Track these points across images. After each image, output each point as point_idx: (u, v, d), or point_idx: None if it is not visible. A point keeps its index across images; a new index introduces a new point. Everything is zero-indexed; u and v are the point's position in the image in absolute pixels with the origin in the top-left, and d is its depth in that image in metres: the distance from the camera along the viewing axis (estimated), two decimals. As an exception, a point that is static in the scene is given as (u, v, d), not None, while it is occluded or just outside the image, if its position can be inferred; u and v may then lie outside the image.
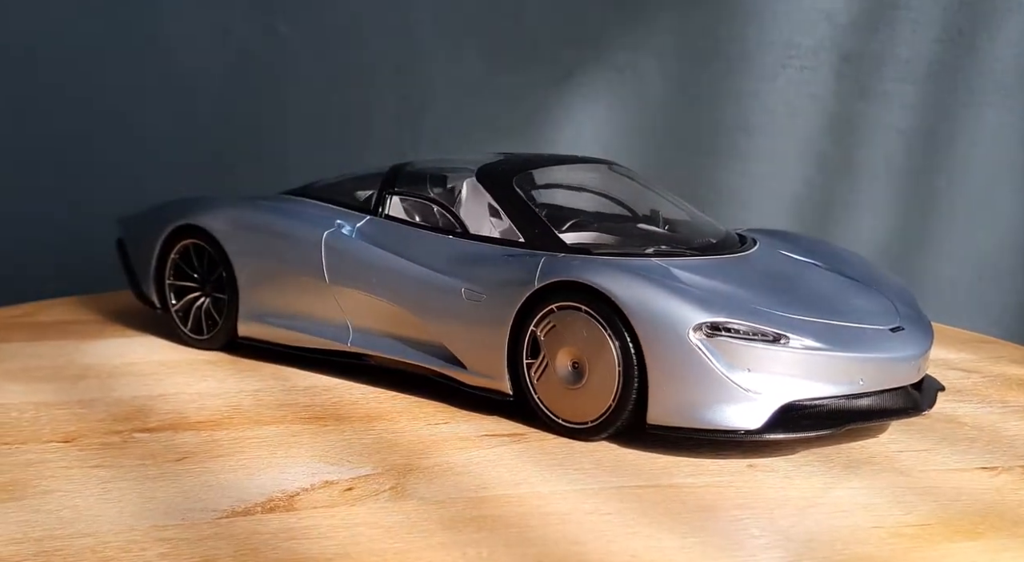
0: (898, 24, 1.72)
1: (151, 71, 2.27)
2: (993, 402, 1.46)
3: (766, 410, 1.22)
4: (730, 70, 1.90)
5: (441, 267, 1.41)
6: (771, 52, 1.85)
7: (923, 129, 1.77)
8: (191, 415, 1.37)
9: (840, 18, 1.77)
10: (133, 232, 1.75)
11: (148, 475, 1.18)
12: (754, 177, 1.90)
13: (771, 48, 1.84)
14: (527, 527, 1.07)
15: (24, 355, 1.61)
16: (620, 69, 1.97)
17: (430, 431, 1.32)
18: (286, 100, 2.26)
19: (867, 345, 1.27)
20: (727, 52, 1.91)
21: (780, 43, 1.83)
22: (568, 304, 1.28)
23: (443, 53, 2.15)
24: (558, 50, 2.04)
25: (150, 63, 2.26)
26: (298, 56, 2.23)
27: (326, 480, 1.17)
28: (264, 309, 1.57)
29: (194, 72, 2.27)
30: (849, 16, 1.76)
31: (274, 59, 2.24)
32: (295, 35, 2.20)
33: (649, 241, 1.43)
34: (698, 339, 1.21)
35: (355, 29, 2.22)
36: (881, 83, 1.76)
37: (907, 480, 1.19)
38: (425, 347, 1.42)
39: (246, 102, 2.27)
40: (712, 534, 1.06)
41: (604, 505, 1.12)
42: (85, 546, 1.02)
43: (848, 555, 1.02)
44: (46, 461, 1.22)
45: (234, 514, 1.09)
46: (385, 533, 1.05)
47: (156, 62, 2.27)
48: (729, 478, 1.19)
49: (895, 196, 1.82)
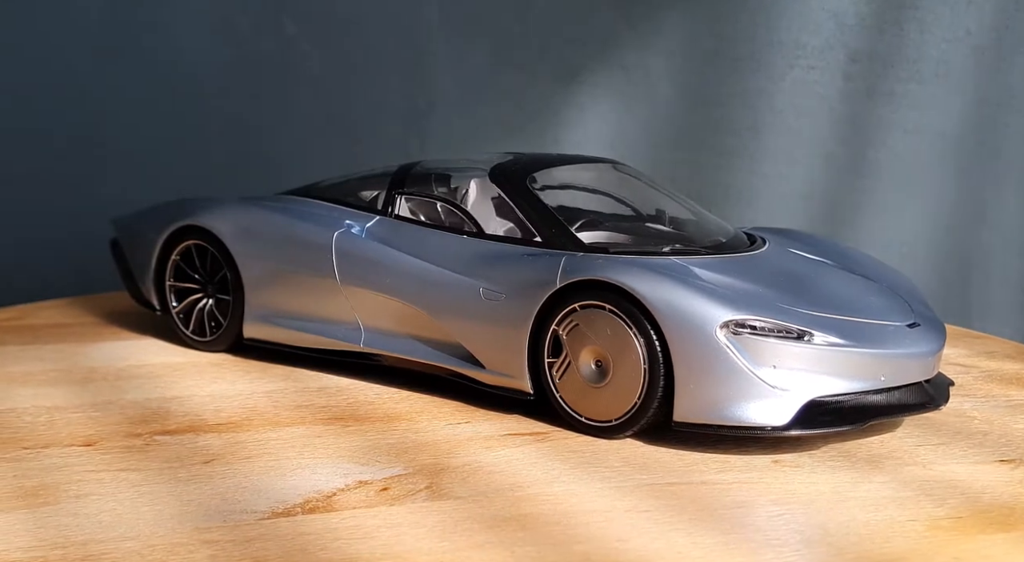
0: (906, 24, 1.74)
1: (156, 71, 2.25)
2: (997, 397, 1.48)
3: (792, 407, 1.23)
4: (737, 70, 1.92)
5: (457, 267, 1.41)
6: (779, 52, 1.86)
7: (930, 129, 1.79)
8: (209, 417, 1.36)
9: (848, 18, 1.79)
10: (129, 233, 1.73)
11: (179, 478, 1.17)
12: (762, 177, 1.92)
13: (779, 48, 1.86)
14: (569, 525, 1.07)
15: (26, 359, 1.59)
16: (627, 69, 1.98)
17: (452, 431, 1.32)
18: (293, 100, 2.25)
19: (888, 341, 1.28)
20: (735, 52, 1.92)
21: (788, 43, 1.85)
22: (591, 303, 1.29)
23: (450, 52, 2.15)
24: (565, 50, 2.05)
25: (155, 63, 2.25)
26: (305, 56, 2.22)
27: (360, 480, 1.17)
28: (271, 310, 1.56)
29: (200, 72, 2.25)
30: (857, 16, 1.78)
31: (281, 59, 2.23)
32: (302, 35, 2.19)
33: (664, 240, 1.44)
34: (725, 337, 1.22)
35: (362, 29, 2.21)
36: (888, 83, 1.79)
37: (930, 473, 1.21)
38: (441, 347, 1.42)
39: (253, 102, 2.26)
40: (752, 530, 1.08)
41: (641, 502, 1.13)
42: (132, 549, 1.01)
43: (891, 549, 1.04)
44: (71, 465, 1.21)
45: (275, 515, 1.08)
46: (429, 532, 1.05)
47: (161, 62, 2.25)
48: (757, 474, 1.20)
49: (902, 196, 1.84)
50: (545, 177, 1.50)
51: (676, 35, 1.96)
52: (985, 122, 1.74)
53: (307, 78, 2.25)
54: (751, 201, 1.93)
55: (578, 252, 1.36)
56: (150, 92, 2.27)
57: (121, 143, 2.25)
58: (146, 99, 2.26)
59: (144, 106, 2.26)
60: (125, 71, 2.25)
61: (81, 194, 2.21)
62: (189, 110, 2.27)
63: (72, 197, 2.21)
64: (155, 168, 2.24)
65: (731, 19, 1.91)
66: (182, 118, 2.27)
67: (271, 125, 2.26)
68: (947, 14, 1.72)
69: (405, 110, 2.20)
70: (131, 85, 2.25)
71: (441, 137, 2.18)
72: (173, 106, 2.27)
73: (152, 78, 2.27)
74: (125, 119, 2.25)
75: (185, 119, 2.27)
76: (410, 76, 2.19)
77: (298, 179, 1.72)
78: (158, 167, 2.24)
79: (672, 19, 1.97)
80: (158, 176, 2.22)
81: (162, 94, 2.27)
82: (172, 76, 2.26)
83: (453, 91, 2.16)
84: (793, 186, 1.90)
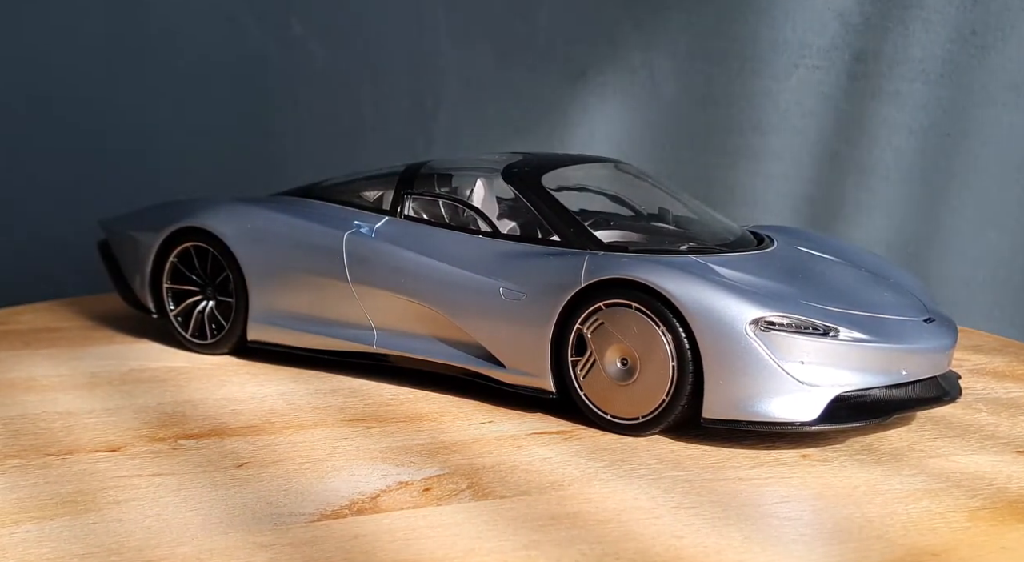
0: (911, 24, 1.77)
1: (161, 70, 2.22)
2: (996, 389, 1.51)
3: (820, 402, 1.25)
4: (743, 70, 1.93)
5: (475, 267, 1.41)
6: (784, 52, 1.88)
7: (936, 129, 1.82)
8: (228, 421, 1.34)
9: (853, 18, 1.81)
10: (120, 235, 1.70)
11: (215, 482, 1.16)
12: (767, 177, 1.94)
13: (784, 48, 1.88)
14: (620, 523, 1.08)
15: (23, 364, 1.57)
16: (634, 69, 1.99)
17: (478, 430, 1.32)
18: (299, 100, 2.23)
19: (908, 336, 1.31)
20: (740, 52, 1.94)
21: (793, 43, 1.87)
22: (617, 301, 1.29)
23: (456, 52, 2.15)
24: (572, 49, 2.05)
25: (160, 62, 2.22)
26: (311, 56, 2.20)
27: (400, 481, 1.16)
28: (277, 312, 1.54)
29: (206, 71, 2.23)
30: (862, 16, 1.80)
31: (287, 58, 2.21)
32: (309, 35, 2.18)
33: (679, 238, 1.45)
34: (754, 333, 1.24)
35: (368, 28, 2.20)
36: (893, 83, 1.81)
37: (956, 465, 1.23)
38: (458, 346, 1.42)
39: (258, 102, 2.23)
40: (801, 524, 1.09)
41: (685, 499, 1.13)
42: (188, 555, 1.00)
43: (939, 540, 1.05)
44: (101, 471, 1.19)
45: (324, 517, 1.08)
46: (483, 532, 1.05)
47: (167, 61, 2.22)
48: (788, 469, 1.22)
49: (907, 196, 1.87)
50: (555, 177, 1.51)
51: (682, 35, 1.97)
52: (990, 122, 1.78)
53: (313, 78, 2.23)
54: (756, 201, 1.95)
55: (599, 251, 1.37)
56: (154, 92, 2.24)
57: (121, 143, 2.22)
58: (150, 99, 2.23)
59: (147, 106, 2.23)
60: (129, 70, 2.22)
61: (82, 194, 2.18)
62: (194, 110, 2.25)
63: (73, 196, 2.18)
64: (156, 168, 2.21)
65: (736, 19, 1.93)
66: (186, 118, 2.24)
67: (277, 125, 2.24)
68: (952, 14, 1.75)
69: (411, 110, 2.19)
70: (135, 85, 2.22)
71: (447, 137, 2.18)
72: (177, 106, 2.24)
73: (156, 77, 2.24)
74: (129, 119, 2.22)
75: (189, 119, 2.24)
76: (416, 76, 2.18)
77: (304, 178, 1.70)
78: (159, 167, 2.21)
79: (678, 19, 1.99)
80: (160, 176, 2.19)
81: (166, 94, 2.24)
82: (177, 76, 2.24)
83: (459, 91, 2.15)
84: (798, 186, 1.93)
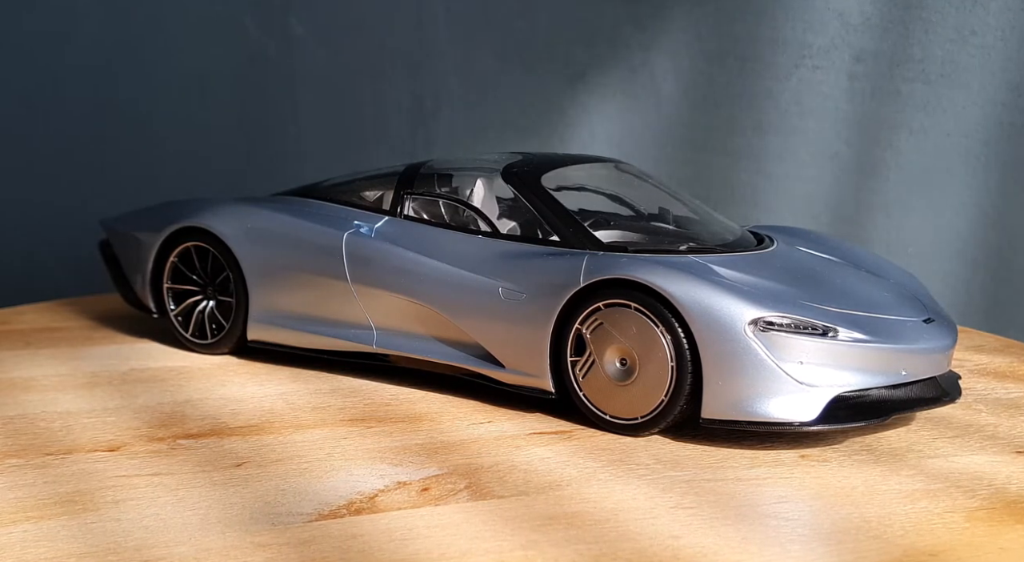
0: (911, 24, 1.77)
1: (161, 71, 2.22)
2: (996, 390, 1.51)
3: (819, 402, 1.25)
4: (743, 70, 1.93)
5: (474, 267, 1.41)
6: (784, 52, 1.88)
7: (936, 129, 1.82)
8: (228, 420, 1.34)
9: (853, 18, 1.81)
10: (121, 235, 1.71)
11: (214, 481, 1.16)
12: (766, 176, 1.94)
13: (784, 48, 1.88)
14: (618, 522, 1.08)
15: (23, 364, 1.57)
16: (634, 69, 1.99)
17: (476, 430, 1.32)
18: (299, 100, 2.23)
19: (908, 336, 1.31)
20: (740, 52, 1.94)
21: (793, 43, 1.87)
22: (616, 301, 1.29)
23: (456, 52, 2.15)
24: (572, 49, 2.05)
25: (160, 63, 2.22)
26: (311, 56, 2.20)
27: (398, 481, 1.17)
28: (277, 312, 1.54)
29: (207, 72, 2.23)
30: (862, 16, 1.80)
31: (287, 59, 2.21)
32: (309, 35, 2.18)
33: (678, 238, 1.45)
34: (753, 333, 1.24)
35: (368, 29, 2.20)
36: (894, 83, 1.81)
37: (954, 466, 1.23)
38: (457, 346, 1.42)
39: (258, 102, 2.23)
40: (799, 524, 1.09)
41: (682, 499, 1.13)
42: (186, 554, 1.00)
43: (937, 540, 1.05)
44: (100, 471, 1.19)
45: (322, 517, 1.08)
46: (481, 532, 1.05)
47: (167, 61, 2.22)
48: (787, 469, 1.22)
49: (907, 196, 1.87)
50: (555, 177, 1.51)
51: (682, 35, 1.97)
52: (990, 122, 1.77)
53: (313, 78, 2.23)
54: (756, 201, 1.95)
55: (598, 251, 1.37)
56: (154, 92, 2.24)
57: (121, 144, 2.22)
58: (150, 99, 2.23)
59: (147, 106, 2.23)
60: (129, 70, 2.22)
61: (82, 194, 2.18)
62: (194, 110, 2.25)
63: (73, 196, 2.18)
64: (156, 168, 2.22)
65: (737, 19, 1.93)
66: (187, 118, 2.24)
67: (277, 125, 2.24)
68: (952, 14, 1.75)
69: (411, 110, 2.19)
70: (135, 85, 2.22)
71: (447, 137, 2.18)
72: (177, 106, 2.24)
73: (156, 78, 2.24)
74: (129, 119, 2.22)
75: (190, 119, 2.24)
76: (416, 76, 2.19)
77: (304, 178, 1.71)
78: (159, 167, 2.21)
79: (678, 19, 1.99)
80: (160, 176, 2.19)
81: (166, 94, 2.24)
82: (177, 76, 2.24)
83: (459, 91, 2.16)
84: (798, 186, 1.92)
